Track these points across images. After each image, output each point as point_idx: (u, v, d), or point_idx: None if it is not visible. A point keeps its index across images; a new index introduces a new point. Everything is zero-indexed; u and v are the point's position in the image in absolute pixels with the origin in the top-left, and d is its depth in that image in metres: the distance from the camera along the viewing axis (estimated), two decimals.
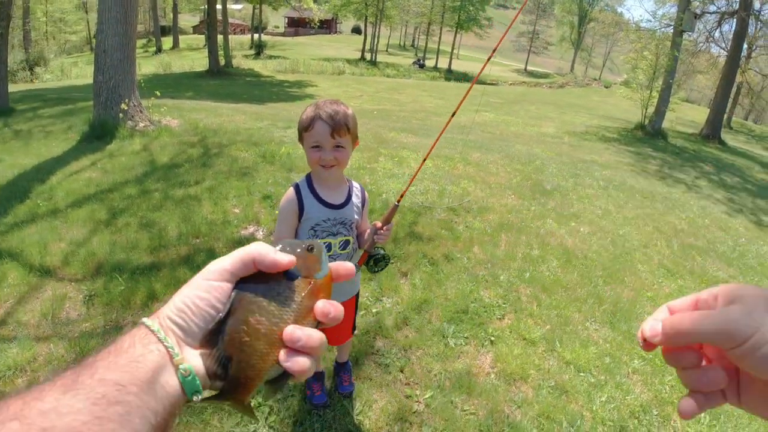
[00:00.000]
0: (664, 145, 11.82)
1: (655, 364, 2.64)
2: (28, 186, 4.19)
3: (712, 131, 14.85)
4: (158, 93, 6.83)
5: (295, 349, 0.42)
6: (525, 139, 9.95)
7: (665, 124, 13.43)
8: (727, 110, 17.80)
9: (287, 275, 0.45)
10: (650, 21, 13.87)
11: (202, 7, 32.36)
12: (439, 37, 40.06)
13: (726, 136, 15.70)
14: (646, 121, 12.94)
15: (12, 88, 9.24)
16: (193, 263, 2.99)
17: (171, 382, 0.39)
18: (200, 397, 0.40)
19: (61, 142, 5.72)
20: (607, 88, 30.61)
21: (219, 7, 21.37)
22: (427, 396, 2.10)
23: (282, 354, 0.42)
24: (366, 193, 1.74)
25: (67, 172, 4.58)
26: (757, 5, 14.35)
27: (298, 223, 1.58)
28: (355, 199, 1.66)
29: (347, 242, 1.64)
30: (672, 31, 12.83)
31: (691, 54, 16.67)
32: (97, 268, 2.95)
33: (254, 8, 36.64)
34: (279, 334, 0.42)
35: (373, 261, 1.65)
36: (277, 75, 23.04)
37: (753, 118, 36.51)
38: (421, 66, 35.10)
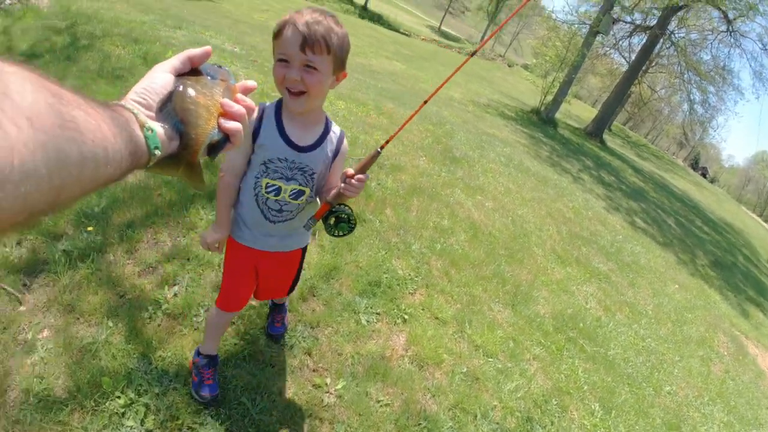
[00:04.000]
0: (553, 133, 12.82)
1: (552, 351, 2.75)
2: None
3: (596, 130, 16.45)
4: None
5: (229, 116, 0.58)
6: (434, 99, 9.86)
7: (557, 115, 14.54)
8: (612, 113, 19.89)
9: (210, 76, 0.61)
10: (570, 14, 14.33)
11: None
12: None
13: (606, 137, 17.65)
14: (542, 108, 13.84)
15: None
16: None
17: (138, 133, 0.48)
18: (160, 152, 0.50)
19: None
20: (510, 67, 32.13)
21: None
22: (339, 386, 1.82)
23: (220, 120, 0.58)
24: (346, 143, 1.39)
25: None
26: (671, 26, 15.60)
27: (252, 149, 1.29)
28: (329, 147, 1.34)
29: (300, 193, 1.34)
30: (587, 30, 13.55)
31: (595, 56, 18.03)
32: None
33: None
34: (214, 107, 0.57)
35: (334, 219, 1.30)
36: None
37: (631, 125, 41.97)
38: None
